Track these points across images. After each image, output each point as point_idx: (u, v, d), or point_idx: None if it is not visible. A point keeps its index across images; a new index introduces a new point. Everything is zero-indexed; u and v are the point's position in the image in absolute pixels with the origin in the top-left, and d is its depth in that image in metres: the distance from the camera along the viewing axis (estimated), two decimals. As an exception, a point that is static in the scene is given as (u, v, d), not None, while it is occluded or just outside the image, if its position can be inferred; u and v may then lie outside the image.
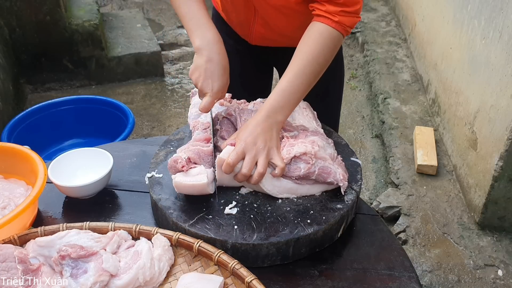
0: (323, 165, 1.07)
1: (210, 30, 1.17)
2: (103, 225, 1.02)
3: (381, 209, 2.31)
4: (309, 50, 1.13)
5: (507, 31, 1.92)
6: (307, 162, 1.06)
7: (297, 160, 1.07)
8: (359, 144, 2.96)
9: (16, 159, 1.16)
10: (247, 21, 1.36)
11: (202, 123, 1.21)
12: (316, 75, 1.15)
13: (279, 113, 1.10)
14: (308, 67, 1.13)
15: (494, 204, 2.07)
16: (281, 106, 1.10)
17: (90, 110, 2.62)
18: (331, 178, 1.06)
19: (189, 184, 1.02)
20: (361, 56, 3.83)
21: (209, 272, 0.96)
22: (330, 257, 1.04)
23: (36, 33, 3.13)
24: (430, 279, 1.97)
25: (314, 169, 1.06)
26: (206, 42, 1.15)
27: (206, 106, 1.14)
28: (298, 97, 1.13)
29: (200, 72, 1.15)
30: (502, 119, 1.93)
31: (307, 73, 1.12)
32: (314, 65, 1.13)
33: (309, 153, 1.06)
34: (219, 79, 1.14)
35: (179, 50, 4.03)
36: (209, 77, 1.14)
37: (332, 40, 1.15)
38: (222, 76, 1.15)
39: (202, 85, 1.15)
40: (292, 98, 1.12)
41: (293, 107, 1.14)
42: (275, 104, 1.10)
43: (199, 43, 1.16)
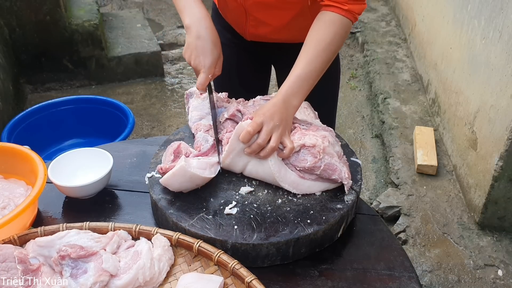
0: (329, 161, 1.07)
1: (197, 7, 1.19)
2: (103, 225, 1.02)
3: (381, 209, 2.31)
4: (322, 38, 1.15)
5: (507, 31, 1.92)
6: (314, 156, 1.06)
7: (305, 151, 1.07)
8: (359, 144, 2.96)
9: (16, 159, 1.16)
10: (240, 21, 1.37)
11: (204, 125, 1.21)
12: (327, 62, 1.17)
13: (294, 97, 1.12)
14: (321, 55, 1.14)
15: (494, 204, 2.07)
16: (295, 92, 1.12)
17: (90, 110, 2.62)
18: (336, 175, 1.07)
19: (170, 174, 1.03)
20: (361, 56, 3.83)
21: (209, 272, 0.96)
22: (330, 257, 1.04)
23: (36, 33, 3.13)
24: (430, 279, 1.97)
25: (320, 164, 1.06)
26: (194, 19, 1.17)
27: (202, 82, 1.16)
28: (311, 83, 1.15)
29: (191, 50, 1.17)
30: (502, 119, 1.93)
31: (319, 61, 1.14)
32: (326, 52, 1.15)
33: (318, 147, 1.07)
34: (210, 54, 1.16)
35: (179, 50, 4.03)
36: (200, 53, 1.16)
37: (343, 27, 1.17)
38: (213, 50, 1.16)
39: (194, 63, 1.17)
40: (305, 84, 1.13)
41: (307, 93, 1.15)
42: (290, 90, 1.12)
43: (188, 21, 1.18)
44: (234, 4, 1.31)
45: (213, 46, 1.17)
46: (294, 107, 1.13)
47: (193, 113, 1.27)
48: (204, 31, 1.16)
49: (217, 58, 1.19)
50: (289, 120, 1.11)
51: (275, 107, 1.10)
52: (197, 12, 1.18)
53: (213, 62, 1.17)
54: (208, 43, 1.16)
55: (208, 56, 1.16)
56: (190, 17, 1.18)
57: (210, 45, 1.16)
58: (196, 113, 1.26)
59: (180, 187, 1.06)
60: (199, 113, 1.26)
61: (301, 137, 1.10)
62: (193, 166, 1.06)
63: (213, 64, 1.18)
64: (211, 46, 1.16)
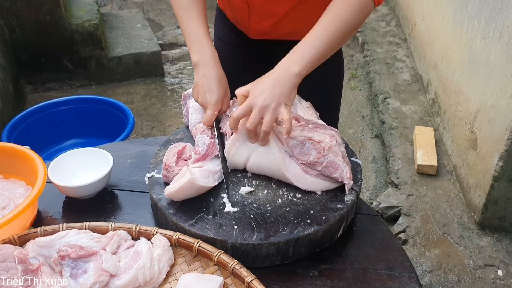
0: (332, 159, 1.07)
1: (206, 46, 1.21)
2: (103, 225, 1.02)
3: (381, 209, 2.31)
4: (341, 12, 1.08)
5: (507, 31, 1.92)
6: (318, 152, 1.07)
7: (310, 145, 1.07)
8: (359, 144, 2.96)
9: (16, 159, 1.16)
10: (243, 18, 1.37)
11: (201, 127, 1.21)
12: (342, 38, 1.10)
13: (295, 63, 1.05)
14: (335, 25, 1.07)
15: (494, 204, 2.07)
16: (298, 57, 1.06)
17: (90, 110, 2.63)
18: (337, 173, 1.07)
19: (178, 188, 1.02)
20: (361, 56, 3.83)
21: (209, 272, 0.96)
22: (330, 257, 1.04)
23: (36, 33, 3.13)
24: (430, 279, 1.97)
25: (323, 160, 1.06)
26: (202, 57, 1.20)
27: (208, 119, 1.17)
28: (319, 52, 1.06)
29: (198, 88, 1.20)
30: (502, 119, 1.93)
31: (332, 32, 1.07)
32: (342, 25, 1.08)
33: (325, 143, 1.07)
34: (216, 91, 1.17)
35: (179, 50, 4.03)
36: (206, 91, 1.18)
37: (366, 6, 1.10)
38: (218, 88, 1.18)
39: (201, 100, 1.19)
40: (312, 51, 1.06)
41: (313, 62, 1.07)
42: (291, 55, 1.07)
43: (196, 59, 1.21)
44: (237, 1, 1.32)
45: (218, 83, 1.18)
46: (295, 76, 1.04)
47: (193, 115, 1.27)
48: (211, 70, 1.18)
49: (223, 95, 1.19)
50: (286, 92, 1.03)
51: (268, 80, 1.05)
52: (205, 52, 1.20)
53: (218, 99, 1.18)
54: (214, 81, 1.18)
55: (214, 93, 1.17)
56: (198, 55, 1.20)
57: (216, 83, 1.18)
58: (195, 115, 1.26)
59: (184, 198, 1.06)
60: (200, 115, 1.26)
61: (310, 131, 1.10)
62: (197, 177, 1.05)
63: (219, 101, 1.18)
64: (217, 83, 1.18)
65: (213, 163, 1.15)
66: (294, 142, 1.09)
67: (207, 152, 1.14)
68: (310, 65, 1.07)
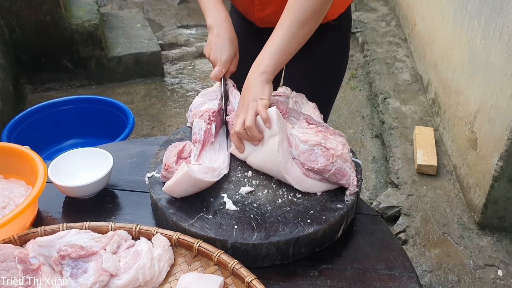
0: (341, 166, 1.06)
1: (220, 11, 1.32)
2: (103, 225, 1.02)
3: (381, 209, 2.31)
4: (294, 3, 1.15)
5: (507, 31, 1.92)
6: (327, 159, 1.05)
7: (319, 152, 1.06)
8: (359, 144, 2.96)
9: (16, 159, 1.16)
10: (248, 7, 1.44)
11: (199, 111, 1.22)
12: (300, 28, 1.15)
13: (260, 64, 1.14)
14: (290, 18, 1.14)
15: (494, 204, 2.07)
16: (262, 57, 1.15)
17: (90, 110, 2.62)
18: (344, 180, 1.06)
19: (175, 181, 1.03)
20: (361, 56, 3.83)
21: (209, 272, 0.96)
22: (330, 257, 1.04)
23: (36, 33, 3.13)
24: (430, 279, 1.97)
25: (331, 168, 1.05)
26: (216, 20, 1.30)
27: (216, 74, 1.28)
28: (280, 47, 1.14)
29: (211, 46, 1.30)
30: (502, 119, 1.93)
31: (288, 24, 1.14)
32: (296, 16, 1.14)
33: (336, 151, 1.06)
34: (227, 50, 1.28)
35: (179, 50, 4.03)
36: (218, 49, 1.28)
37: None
38: (229, 47, 1.28)
39: (212, 57, 1.29)
40: (272, 49, 1.14)
41: (277, 58, 1.14)
42: (258, 58, 1.16)
43: (210, 22, 1.31)
44: None
45: (230, 43, 1.28)
46: (262, 73, 1.13)
47: (198, 99, 1.29)
48: (224, 31, 1.29)
49: (233, 55, 1.30)
50: (258, 90, 1.11)
51: (246, 86, 1.14)
52: (219, 15, 1.31)
53: (228, 57, 1.28)
54: (225, 41, 1.28)
55: (225, 52, 1.27)
56: (212, 18, 1.31)
57: (228, 43, 1.28)
58: (200, 99, 1.28)
59: (184, 193, 1.06)
60: (202, 99, 1.27)
61: (325, 136, 1.08)
62: (195, 171, 1.05)
63: (229, 60, 1.28)
64: (229, 43, 1.28)
65: (212, 159, 1.15)
66: (304, 147, 1.08)
67: (205, 139, 1.15)
68: (274, 61, 1.14)
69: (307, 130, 1.12)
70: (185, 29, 4.43)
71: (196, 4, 5.31)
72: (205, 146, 1.16)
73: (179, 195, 1.06)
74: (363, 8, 4.32)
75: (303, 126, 1.15)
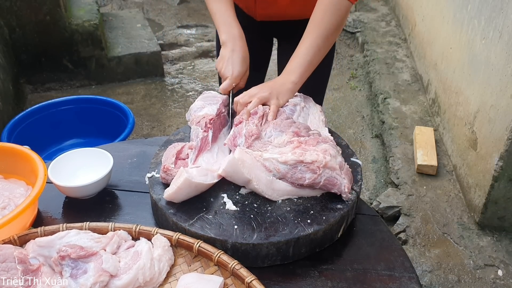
0: (330, 175, 1.05)
1: (235, 27, 1.35)
2: (103, 225, 1.02)
3: (381, 209, 2.31)
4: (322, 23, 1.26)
5: (507, 31, 1.92)
6: (314, 172, 1.04)
7: (303, 168, 1.05)
8: (359, 144, 2.96)
9: (16, 159, 1.16)
10: (250, 5, 1.49)
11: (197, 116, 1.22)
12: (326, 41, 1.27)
13: (293, 73, 1.25)
14: (318, 32, 1.25)
15: (494, 204, 2.07)
16: (293, 69, 1.25)
17: (90, 110, 2.62)
18: (336, 189, 1.06)
19: (175, 189, 1.02)
20: (361, 56, 3.83)
21: (209, 272, 0.96)
22: (330, 257, 1.04)
23: (36, 33, 3.13)
24: (430, 279, 1.97)
25: (319, 180, 1.04)
26: (231, 37, 1.33)
27: (225, 87, 1.31)
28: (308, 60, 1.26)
29: (224, 61, 1.33)
30: (502, 119, 1.93)
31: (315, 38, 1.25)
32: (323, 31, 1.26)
33: (319, 162, 1.04)
34: (239, 66, 1.31)
35: (179, 50, 4.03)
36: (230, 64, 1.32)
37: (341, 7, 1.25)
38: (242, 64, 1.32)
39: (224, 71, 1.32)
40: (302, 62, 1.26)
41: (306, 70, 1.26)
42: (288, 67, 1.27)
43: (225, 38, 1.34)
44: None
45: (243, 60, 1.32)
46: (292, 82, 1.24)
47: (198, 102, 1.29)
48: (238, 48, 1.32)
49: (244, 71, 1.33)
50: (282, 92, 1.23)
51: (270, 81, 1.25)
52: (234, 32, 1.34)
53: (240, 73, 1.31)
54: (239, 57, 1.31)
55: (237, 67, 1.31)
56: (227, 34, 1.34)
57: (241, 60, 1.32)
58: (199, 102, 1.28)
59: (185, 198, 1.06)
60: (202, 103, 1.27)
61: (303, 153, 1.06)
62: (194, 175, 1.05)
63: (240, 75, 1.31)
64: (242, 60, 1.32)
65: (210, 162, 1.15)
66: (285, 167, 1.06)
67: (201, 146, 1.15)
68: (303, 73, 1.26)
69: (283, 149, 1.09)
70: (185, 29, 4.43)
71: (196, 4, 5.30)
72: (201, 152, 1.16)
73: (180, 201, 1.06)
74: (363, 8, 4.32)
75: (283, 142, 1.11)
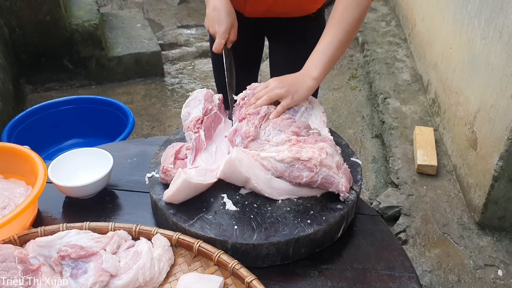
0: (327, 174, 1.05)
1: None
2: (103, 225, 1.02)
3: (381, 209, 2.31)
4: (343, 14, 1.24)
5: (507, 31, 1.92)
6: (310, 170, 1.04)
7: (300, 166, 1.05)
8: (359, 144, 2.96)
9: (16, 159, 1.16)
10: (239, 3, 1.49)
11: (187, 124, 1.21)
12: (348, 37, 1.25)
13: (313, 68, 1.23)
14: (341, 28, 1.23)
15: (494, 204, 2.07)
16: (315, 64, 1.23)
17: (90, 110, 2.62)
18: (333, 188, 1.06)
19: (174, 190, 1.02)
20: (361, 56, 3.83)
21: (209, 272, 0.96)
22: (330, 257, 1.04)
23: (36, 33, 3.13)
24: (430, 279, 1.97)
25: (317, 178, 1.04)
26: None
27: (216, 46, 1.34)
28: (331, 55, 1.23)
29: (209, 20, 1.36)
30: (502, 119, 1.93)
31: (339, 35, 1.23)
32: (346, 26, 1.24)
33: (315, 159, 1.04)
34: (224, 21, 1.33)
35: (179, 50, 4.03)
36: (215, 22, 1.34)
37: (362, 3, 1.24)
38: (226, 19, 1.33)
39: (212, 30, 1.36)
40: (325, 58, 1.23)
41: (327, 65, 1.24)
42: (309, 62, 1.24)
43: None
44: None
45: (226, 15, 1.33)
46: (313, 79, 1.21)
47: (184, 110, 1.28)
48: (219, 4, 1.34)
49: (230, 25, 1.35)
50: (299, 91, 1.20)
51: (290, 76, 1.23)
52: None
53: (226, 29, 1.33)
54: (222, 13, 1.33)
55: (222, 23, 1.33)
56: None
57: (224, 14, 1.33)
58: (185, 109, 1.27)
59: (185, 199, 1.06)
60: (187, 109, 1.26)
61: (299, 150, 1.06)
62: (193, 176, 1.05)
63: (227, 30, 1.33)
64: (225, 15, 1.33)
65: (209, 162, 1.15)
66: (282, 165, 1.06)
67: (197, 146, 1.15)
68: (325, 68, 1.23)
69: (280, 148, 1.09)
70: (185, 29, 4.43)
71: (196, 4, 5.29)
72: (199, 152, 1.16)
73: (180, 201, 1.06)
74: (363, 8, 4.32)
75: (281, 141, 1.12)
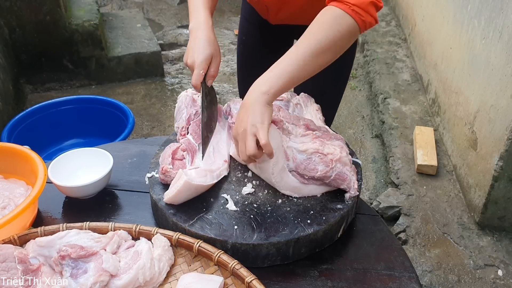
0: (341, 170, 1.05)
1: (201, 13, 1.23)
2: (103, 225, 1.02)
3: (381, 209, 2.31)
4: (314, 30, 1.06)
5: (507, 31, 1.92)
6: (326, 165, 1.04)
7: (317, 159, 1.05)
8: (359, 144, 2.96)
9: (16, 159, 1.16)
10: (262, 12, 1.48)
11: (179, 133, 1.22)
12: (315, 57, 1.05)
13: (263, 83, 1.03)
14: (307, 45, 1.05)
15: (494, 204, 2.07)
16: (267, 76, 1.05)
17: (90, 110, 2.62)
18: (345, 185, 1.06)
19: (175, 192, 1.02)
20: (361, 56, 3.83)
21: (209, 272, 0.96)
22: (330, 257, 1.04)
23: (36, 33, 3.13)
24: (430, 279, 1.97)
25: (331, 174, 1.04)
26: (195, 24, 1.22)
27: (194, 79, 1.17)
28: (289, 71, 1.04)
29: (188, 51, 1.20)
30: (502, 119, 1.93)
31: (302, 51, 1.05)
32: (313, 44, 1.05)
33: (334, 155, 1.04)
34: (202, 51, 1.17)
35: (179, 50, 4.03)
36: (194, 52, 1.18)
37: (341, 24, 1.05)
38: (205, 48, 1.17)
39: (189, 61, 1.19)
40: (280, 71, 1.04)
41: (283, 80, 1.03)
42: (262, 76, 1.06)
43: (191, 25, 1.23)
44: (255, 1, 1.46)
45: (206, 44, 1.18)
46: (263, 94, 1.02)
47: (175, 125, 1.28)
48: (200, 33, 1.20)
49: (210, 56, 1.17)
50: (258, 112, 1.00)
51: (241, 109, 1.04)
52: (200, 17, 1.22)
53: (204, 59, 1.16)
54: (201, 42, 1.18)
55: (200, 53, 1.17)
56: (193, 22, 1.23)
57: (204, 44, 1.17)
58: (175, 124, 1.27)
59: (185, 200, 1.06)
60: (176, 124, 1.27)
61: (322, 143, 1.06)
62: (194, 177, 1.05)
63: (205, 61, 1.16)
64: (205, 44, 1.18)
65: (208, 163, 1.15)
66: (302, 157, 1.06)
67: (190, 148, 1.15)
68: (279, 85, 1.03)
69: (303, 139, 1.10)
70: (185, 29, 4.43)
71: (196, 4, 5.26)
72: (195, 153, 1.16)
73: (181, 202, 1.06)
74: (363, 8, 4.32)
75: (300, 134, 1.12)
